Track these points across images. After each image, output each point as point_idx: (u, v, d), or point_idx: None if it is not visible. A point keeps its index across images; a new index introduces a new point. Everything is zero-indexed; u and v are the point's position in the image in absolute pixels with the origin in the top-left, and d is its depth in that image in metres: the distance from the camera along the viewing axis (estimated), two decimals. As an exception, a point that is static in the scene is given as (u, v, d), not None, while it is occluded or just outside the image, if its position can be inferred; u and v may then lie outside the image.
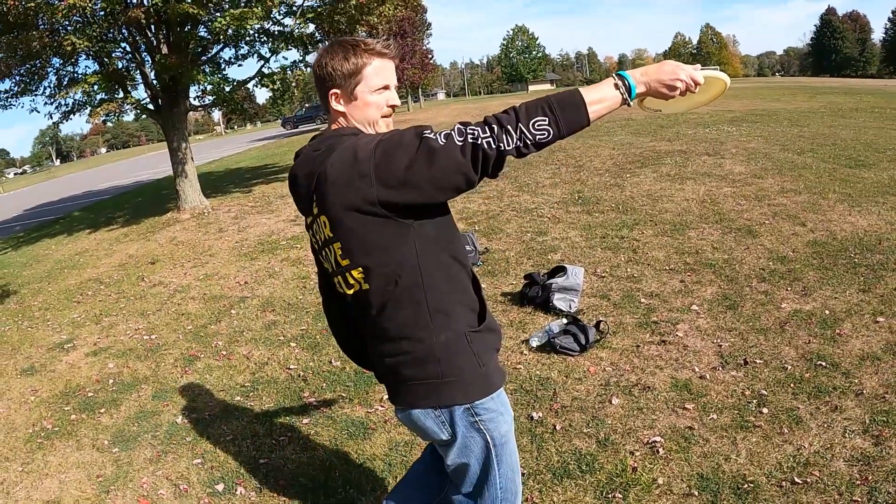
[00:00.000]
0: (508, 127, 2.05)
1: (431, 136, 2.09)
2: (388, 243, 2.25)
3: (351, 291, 2.40)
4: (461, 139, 2.06)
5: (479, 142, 2.05)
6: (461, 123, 2.10)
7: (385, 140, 2.18)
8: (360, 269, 2.30)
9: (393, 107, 2.45)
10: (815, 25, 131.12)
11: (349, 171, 2.19)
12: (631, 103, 2.18)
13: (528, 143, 2.07)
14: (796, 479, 3.55)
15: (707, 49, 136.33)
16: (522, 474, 3.89)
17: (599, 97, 2.13)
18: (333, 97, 2.41)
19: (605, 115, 2.18)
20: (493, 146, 2.05)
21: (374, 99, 2.40)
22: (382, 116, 2.44)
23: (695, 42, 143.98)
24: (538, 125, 2.06)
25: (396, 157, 2.11)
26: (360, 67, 2.36)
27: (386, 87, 2.41)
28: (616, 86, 2.15)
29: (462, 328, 2.36)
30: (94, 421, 5.70)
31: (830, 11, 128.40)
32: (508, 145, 2.06)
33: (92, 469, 4.88)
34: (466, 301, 2.42)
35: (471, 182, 2.10)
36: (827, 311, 5.59)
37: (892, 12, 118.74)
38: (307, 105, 72.14)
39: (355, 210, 2.20)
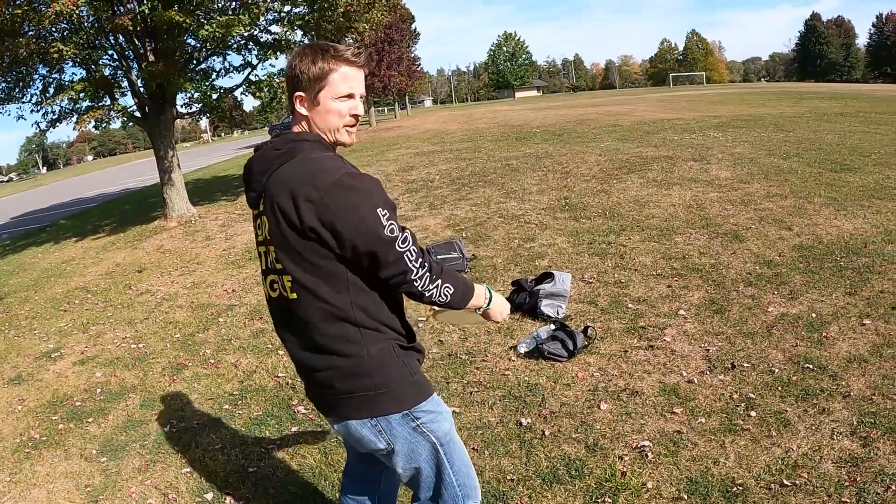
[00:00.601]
0: (438, 282, 2.40)
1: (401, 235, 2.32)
2: (319, 261, 2.31)
3: (277, 295, 2.48)
4: (415, 263, 2.34)
5: (419, 274, 2.35)
6: (422, 258, 2.37)
7: (349, 190, 2.26)
8: (290, 278, 2.37)
9: (356, 116, 2.46)
10: (800, 31, 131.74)
11: (301, 188, 2.25)
12: (481, 310, 2.69)
13: (434, 297, 2.41)
14: (785, 482, 3.56)
15: (693, 55, 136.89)
16: (512, 480, 3.91)
17: (476, 294, 2.57)
18: (298, 100, 2.44)
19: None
20: (421, 287, 2.37)
21: (336, 106, 2.41)
22: (344, 126, 2.45)
23: (681, 48, 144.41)
24: (447, 291, 2.42)
25: (353, 217, 2.24)
26: (327, 73, 2.38)
27: (350, 96, 2.42)
28: (485, 297, 2.63)
29: (391, 342, 2.45)
30: (81, 430, 5.66)
31: (815, 17, 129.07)
32: (426, 291, 2.39)
33: (80, 479, 4.85)
34: (397, 318, 2.52)
35: (385, 276, 2.34)
36: (814, 315, 5.62)
37: (877, 17, 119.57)
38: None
39: (291, 225, 2.27)
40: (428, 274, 2.35)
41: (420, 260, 2.34)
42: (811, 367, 4.74)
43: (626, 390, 4.79)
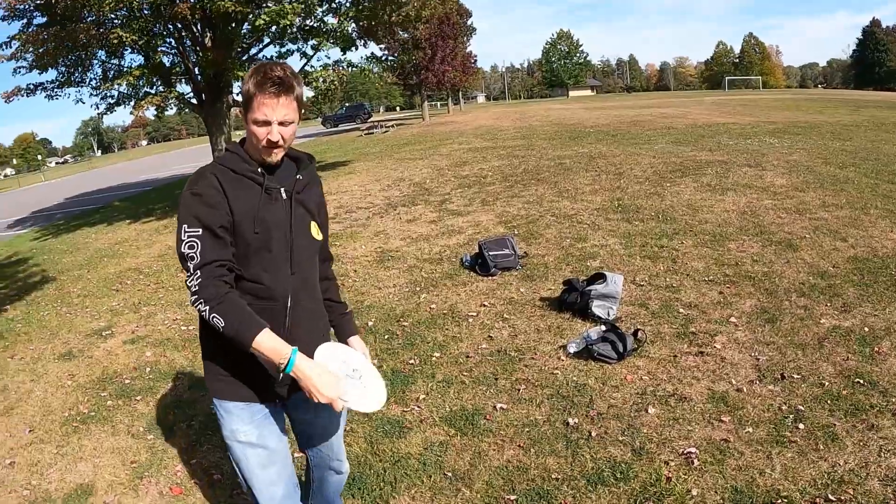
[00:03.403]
0: (207, 308, 2.45)
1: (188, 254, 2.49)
2: None
3: None
4: (189, 281, 2.49)
5: (193, 297, 2.49)
6: (200, 280, 2.47)
7: (180, 202, 2.54)
8: None
9: (271, 142, 2.53)
10: (859, 37, 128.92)
11: None
12: (281, 374, 2.53)
13: (209, 321, 2.47)
14: (830, 497, 3.55)
15: (749, 58, 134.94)
16: (556, 479, 3.95)
17: (270, 347, 2.46)
18: (241, 112, 2.65)
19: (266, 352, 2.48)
20: (197, 309, 2.50)
21: (253, 129, 2.54)
22: (263, 147, 2.56)
23: (737, 51, 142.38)
24: (216, 321, 2.44)
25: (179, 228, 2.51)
26: (249, 97, 2.51)
27: (266, 123, 2.50)
28: (283, 358, 2.47)
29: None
30: (130, 407, 5.82)
31: (875, 23, 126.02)
32: (201, 313, 2.50)
33: (126, 455, 5.00)
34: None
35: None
36: (866, 329, 5.56)
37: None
38: (347, 104, 72.49)
39: None
40: (199, 298, 2.46)
41: (196, 281, 2.47)
42: (861, 382, 4.70)
43: (675, 395, 4.80)
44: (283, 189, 2.67)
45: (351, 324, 3.22)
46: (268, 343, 2.45)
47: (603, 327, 5.72)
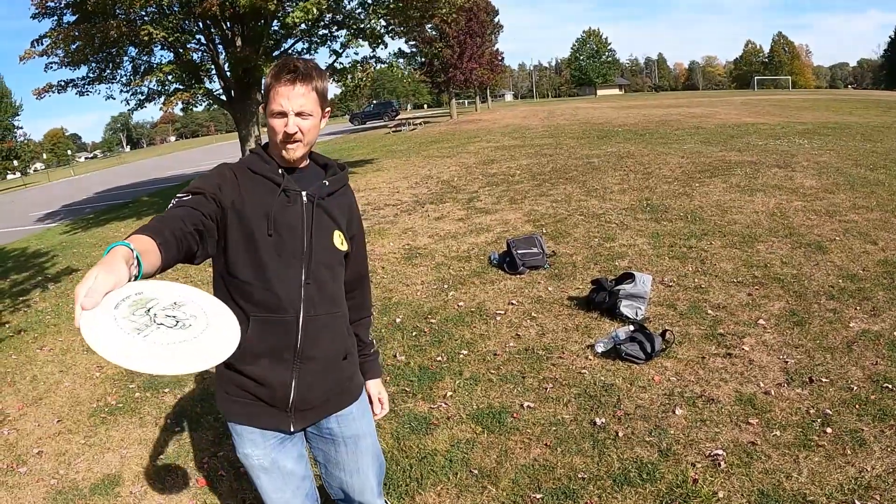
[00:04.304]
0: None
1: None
2: None
3: None
4: None
5: None
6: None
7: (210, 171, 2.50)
8: None
9: (287, 134, 2.42)
10: (890, 36, 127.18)
11: None
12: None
13: None
14: (857, 502, 3.55)
15: (779, 58, 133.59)
16: (583, 478, 3.97)
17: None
18: (262, 109, 2.56)
19: None
20: None
21: (271, 122, 2.44)
22: (280, 141, 2.45)
23: (766, 50, 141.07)
24: None
25: None
26: (268, 89, 2.44)
27: (283, 114, 2.40)
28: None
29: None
30: (157, 400, 5.91)
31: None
32: None
33: (154, 446, 5.08)
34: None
35: None
36: (896, 333, 5.54)
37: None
38: (374, 101, 72.63)
39: None
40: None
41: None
42: (890, 386, 4.68)
43: (702, 397, 4.81)
44: (304, 193, 2.51)
45: (374, 366, 3.00)
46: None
47: (631, 327, 5.73)
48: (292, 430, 2.61)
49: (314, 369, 2.54)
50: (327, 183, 2.60)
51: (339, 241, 2.63)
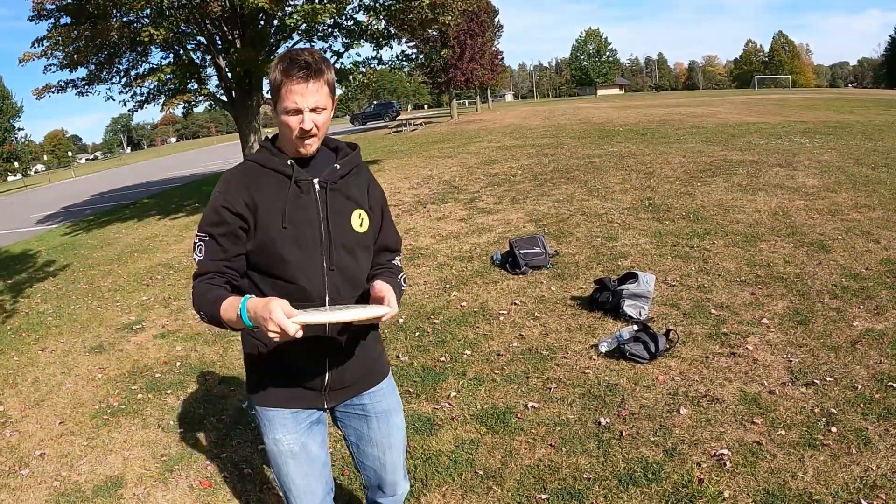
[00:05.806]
0: (196, 308, 2.46)
1: (195, 257, 2.53)
2: None
3: None
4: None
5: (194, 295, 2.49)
6: (196, 288, 2.49)
7: (215, 193, 2.52)
8: None
9: (304, 130, 2.40)
10: (891, 36, 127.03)
11: None
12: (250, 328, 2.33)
13: (201, 319, 2.48)
14: (862, 501, 3.54)
15: (779, 57, 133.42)
16: (588, 478, 3.97)
17: (229, 318, 2.33)
18: (269, 106, 2.55)
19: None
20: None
21: (285, 119, 2.41)
22: (296, 138, 2.43)
23: (767, 49, 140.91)
24: (201, 317, 2.45)
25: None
26: (278, 86, 2.38)
27: (297, 111, 2.38)
28: (238, 315, 2.28)
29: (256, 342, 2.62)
30: (160, 401, 5.90)
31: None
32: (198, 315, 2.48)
33: (156, 448, 5.07)
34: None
35: None
36: (900, 332, 5.52)
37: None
38: (375, 102, 72.64)
39: None
40: (193, 304, 2.49)
41: (194, 288, 2.49)
42: (894, 385, 4.67)
43: (707, 397, 4.80)
44: (316, 181, 2.52)
45: (388, 274, 2.77)
46: (228, 311, 2.33)
47: (635, 327, 5.73)
48: (325, 406, 2.74)
49: (344, 352, 2.60)
50: (338, 166, 2.61)
51: (358, 222, 2.63)
